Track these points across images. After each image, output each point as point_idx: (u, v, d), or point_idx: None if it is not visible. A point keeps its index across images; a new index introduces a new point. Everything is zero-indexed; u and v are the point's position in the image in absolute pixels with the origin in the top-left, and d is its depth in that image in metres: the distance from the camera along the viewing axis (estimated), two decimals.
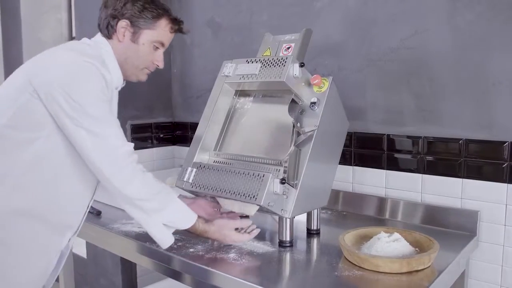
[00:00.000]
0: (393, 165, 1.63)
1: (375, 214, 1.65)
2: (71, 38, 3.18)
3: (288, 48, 1.46)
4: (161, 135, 2.37)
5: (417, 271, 1.13)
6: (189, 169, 1.39)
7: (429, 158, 1.55)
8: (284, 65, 1.34)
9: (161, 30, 1.30)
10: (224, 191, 1.29)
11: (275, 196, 1.22)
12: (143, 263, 1.42)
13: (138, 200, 1.15)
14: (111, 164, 1.13)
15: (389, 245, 1.19)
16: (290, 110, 1.36)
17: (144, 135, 2.29)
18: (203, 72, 2.26)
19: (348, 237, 1.27)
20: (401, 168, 1.61)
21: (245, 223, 1.30)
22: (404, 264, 1.11)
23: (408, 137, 1.59)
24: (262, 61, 1.41)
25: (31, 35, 2.96)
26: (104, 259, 2.35)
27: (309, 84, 1.40)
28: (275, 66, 1.37)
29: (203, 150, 1.46)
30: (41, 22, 2.99)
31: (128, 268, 2.27)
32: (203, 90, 2.25)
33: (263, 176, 1.22)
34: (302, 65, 1.36)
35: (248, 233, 1.29)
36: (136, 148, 1.26)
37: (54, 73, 1.10)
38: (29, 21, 2.95)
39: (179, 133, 2.41)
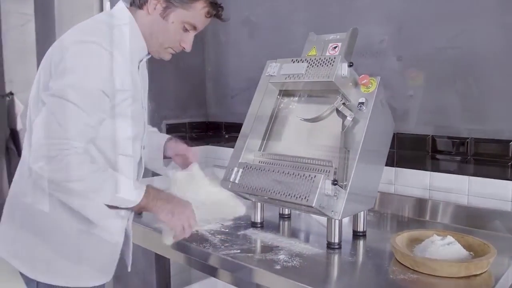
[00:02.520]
0: (438, 166, 1.60)
1: (418, 216, 1.62)
2: None
3: (335, 47, 1.44)
4: (195, 135, 2.37)
5: (475, 275, 1.10)
6: (235, 169, 1.39)
7: (476, 159, 1.51)
8: (332, 65, 1.33)
9: (196, 13, 1.21)
10: (273, 192, 1.28)
11: (326, 197, 1.21)
12: (189, 263, 1.42)
13: (66, 182, 1.04)
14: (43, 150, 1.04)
15: (443, 249, 1.17)
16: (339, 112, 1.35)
17: (178, 134, 2.30)
18: (238, 71, 2.25)
19: (399, 240, 1.25)
20: (446, 169, 1.58)
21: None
22: (462, 268, 1.09)
23: (454, 138, 1.56)
24: (309, 61, 1.40)
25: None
26: (137, 258, 2.36)
27: (356, 84, 1.38)
28: (322, 65, 1.36)
29: (249, 150, 1.45)
30: (74, 22, 3.02)
31: (162, 267, 2.28)
32: (238, 89, 2.25)
33: (315, 177, 1.21)
34: (350, 65, 1.34)
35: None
36: None
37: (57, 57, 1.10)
38: (62, 22, 2.98)
39: (212, 133, 2.41)
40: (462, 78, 1.53)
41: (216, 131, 2.39)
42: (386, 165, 1.70)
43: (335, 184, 1.21)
